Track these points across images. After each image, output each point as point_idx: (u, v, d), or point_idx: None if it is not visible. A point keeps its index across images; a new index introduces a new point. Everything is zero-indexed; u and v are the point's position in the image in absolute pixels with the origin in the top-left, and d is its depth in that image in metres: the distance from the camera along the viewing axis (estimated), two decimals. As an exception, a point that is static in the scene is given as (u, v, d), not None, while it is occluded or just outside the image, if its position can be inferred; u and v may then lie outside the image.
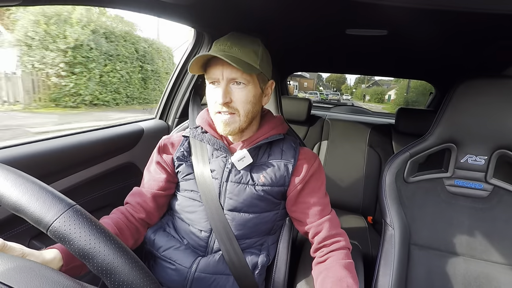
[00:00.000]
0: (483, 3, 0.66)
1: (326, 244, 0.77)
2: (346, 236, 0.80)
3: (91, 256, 0.33)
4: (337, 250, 0.76)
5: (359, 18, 0.97)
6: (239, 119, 0.74)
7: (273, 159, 0.80)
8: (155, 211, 0.83)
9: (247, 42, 0.73)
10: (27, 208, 0.34)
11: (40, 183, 0.36)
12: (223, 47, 0.71)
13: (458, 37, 1.12)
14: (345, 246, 0.78)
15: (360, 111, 3.07)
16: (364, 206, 1.87)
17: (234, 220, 0.77)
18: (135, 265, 0.35)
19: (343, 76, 27.21)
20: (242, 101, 0.72)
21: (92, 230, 0.34)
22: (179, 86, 1.38)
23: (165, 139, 0.87)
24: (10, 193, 0.35)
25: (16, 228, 0.80)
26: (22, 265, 0.35)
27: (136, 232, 0.79)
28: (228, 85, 0.71)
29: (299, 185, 0.78)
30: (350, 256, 0.77)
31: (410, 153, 0.97)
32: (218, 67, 0.71)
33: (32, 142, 0.85)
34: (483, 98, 0.86)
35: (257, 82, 0.75)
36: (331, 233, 0.78)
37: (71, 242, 0.33)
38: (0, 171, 0.36)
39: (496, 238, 0.91)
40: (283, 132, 0.84)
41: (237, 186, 0.77)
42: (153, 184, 0.82)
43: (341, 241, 0.78)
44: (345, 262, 0.73)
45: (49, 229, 0.33)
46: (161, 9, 0.90)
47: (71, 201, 0.36)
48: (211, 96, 0.74)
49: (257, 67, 0.72)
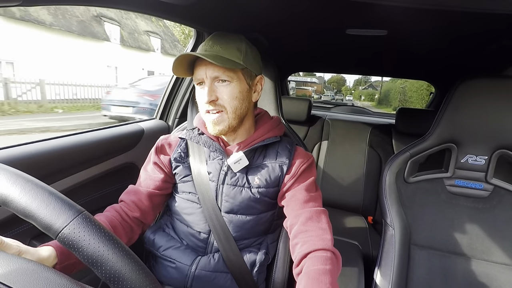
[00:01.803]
0: (483, 3, 0.66)
1: (299, 242, 0.69)
2: (326, 234, 0.69)
3: (100, 263, 0.33)
4: (313, 251, 0.66)
5: (359, 18, 0.97)
6: (227, 117, 0.73)
7: (267, 160, 0.79)
8: (150, 210, 0.81)
9: (229, 39, 0.74)
10: (37, 214, 0.34)
11: (50, 189, 0.36)
12: (205, 47, 0.72)
13: (458, 37, 1.12)
14: (320, 247, 0.66)
15: (360, 111, 3.07)
16: (364, 206, 1.87)
17: (231, 222, 0.78)
18: (143, 272, 0.35)
19: (343, 78, 28.49)
20: (227, 97, 0.72)
21: (101, 237, 0.34)
22: (179, 86, 1.38)
23: (163, 139, 0.86)
24: (20, 199, 0.35)
25: (17, 228, 0.80)
26: (22, 266, 0.35)
27: (130, 230, 0.77)
28: (212, 83, 0.72)
29: (289, 180, 0.78)
30: (327, 260, 0.63)
31: (410, 153, 0.97)
32: (202, 67, 0.71)
33: (32, 142, 0.85)
34: (483, 98, 0.86)
35: (243, 78, 0.74)
36: (306, 227, 0.69)
37: (80, 249, 0.33)
38: (9, 176, 0.36)
39: (497, 238, 0.91)
40: (279, 134, 0.83)
41: (233, 189, 0.77)
42: (149, 183, 0.81)
43: (314, 238, 0.67)
44: (320, 269, 0.61)
45: (58, 236, 0.33)
46: (161, 9, 0.90)
47: (80, 208, 0.36)
48: (199, 97, 0.75)
49: (240, 62, 0.72)
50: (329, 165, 1.96)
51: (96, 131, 1.07)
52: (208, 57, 0.67)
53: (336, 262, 0.65)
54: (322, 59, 1.98)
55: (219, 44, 0.72)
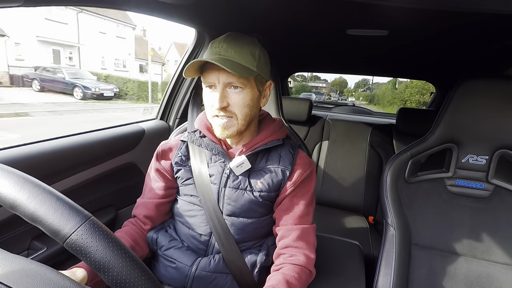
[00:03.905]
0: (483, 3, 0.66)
1: (286, 253, 0.75)
2: (311, 254, 0.76)
3: (107, 269, 0.33)
4: (292, 264, 0.73)
5: (360, 18, 0.97)
6: (237, 123, 0.72)
7: (270, 164, 0.79)
8: (161, 218, 0.86)
9: (244, 43, 0.71)
10: (45, 219, 0.34)
11: (58, 194, 0.37)
12: (219, 50, 0.70)
13: (459, 37, 1.11)
14: (303, 264, 0.73)
15: (361, 111, 3.06)
16: (365, 206, 1.86)
17: (233, 225, 0.77)
18: (149, 279, 0.35)
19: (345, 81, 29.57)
20: (239, 104, 0.71)
21: (108, 243, 0.34)
22: (180, 86, 1.38)
23: (162, 144, 0.86)
24: (28, 204, 0.35)
25: (17, 228, 0.80)
26: (23, 266, 0.35)
27: (150, 241, 0.83)
28: (224, 89, 0.70)
29: (289, 188, 0.78)
30: (301, 274, 0.72)
31: (411, 153, 0.97)
32: (214, 71, 0.69)
33: (33, 142, 0.85)
34: (484, 98, 0.86)
35: (255, 85, 0.73)
36: (297, 244, 0.75)
37: (88, 254, 0.33)
38: (17, 180, 0.36)
39: (498, 238, 0.90)
40: (282, 137, 0.83)
41: (235, 192, 0.77)
42: (154, 193, 0.83)
43: (301, 256, 0.74)
44: (291, 276, 0.70)
45: (66, 242, 0.33)
46: (161, 9, 0.90)
47: (88, 213, 0.36)
48: (208, 100, 0.73)
49: (254, 69, 0.70)
50: (329, 165, 1.96)
51: (97, 131, 1.07)
52: (224, 64, 0.65)
53: (308, 281, 0.76)
54: (323, 59, 1.98)
55: (234, 48, 0.69)
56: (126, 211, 1.20)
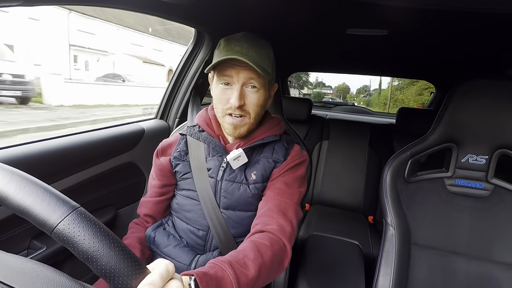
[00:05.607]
0: (484, 4, 0.66)
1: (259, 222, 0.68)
2: (287, 227, 0.67)
3: (95, 258, 0.33)
4: (264, 231, 0.65)
5: (359, 18, 0.97)
6: (249, 122, 0.75)
7: (264, 156, 0.80)
8: (161, 215, 0.88)
9: (260, 45, 0.73)
10: (32, 210, 0.34)
11: (44, 185, 0.36)
12: (239, 49, 0.70)
13: (459, 37, 1.12)
14: (275, 233, 0.65)
15: (360, 111, 3.07)
16: (364, 206, 1.87)
17: (230, 218, 0.78)
18: (138, 267, 0.35)
19: (348, 87, 30.69)
20: (254, 103, 0.73)
21: (96, 233, 0.34)
22: (180, 86, 1.38)
23: (162, 142, 0.88)
24: (15, 196, 0.35)
25: (17, 228, 0.80)
26: (23, 265, 0.35)
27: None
28: (242, 87, 0.71)
29: (277, 172, 0.78)
30: (273, 243, 0.62)
31: (411, 152, 0.97)
32: (233, 69, 0.70)
33: (33, 142, 0.85)
34: (484, 98, 0.86)
35: (267, 86, 0.76)
36: (272, 213, 0.69)
37: (75, 244, 0.33)
38: (4, 173, 0.36)
39: (497, 237, 0.91)
40: (279, 133, 0.84)
41: (231, 185, 0.78)
42: (156, 191, 0.86)
43: (275, 225, 0.66)
44: (261, 243, 0.61)
45: (53, 232, 0.33)
46: (161, 9, 0.90)
47: (75, 203, 0.36)
48: (222, 97, 0.74)
49: (270, 71, 0.73)
50: (329, 164, 1.96)
51: (97, 131, 1.07)
52: (253, 63, 0.66)
53: (281, 254, 0.64)
54: (323, 59, 1.98)
55: (254, 49, 0.71)
56: (126, 211, 1.20)
